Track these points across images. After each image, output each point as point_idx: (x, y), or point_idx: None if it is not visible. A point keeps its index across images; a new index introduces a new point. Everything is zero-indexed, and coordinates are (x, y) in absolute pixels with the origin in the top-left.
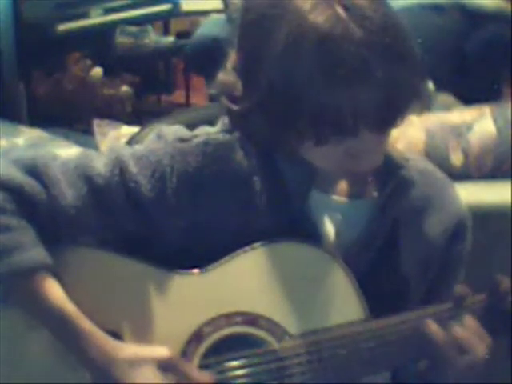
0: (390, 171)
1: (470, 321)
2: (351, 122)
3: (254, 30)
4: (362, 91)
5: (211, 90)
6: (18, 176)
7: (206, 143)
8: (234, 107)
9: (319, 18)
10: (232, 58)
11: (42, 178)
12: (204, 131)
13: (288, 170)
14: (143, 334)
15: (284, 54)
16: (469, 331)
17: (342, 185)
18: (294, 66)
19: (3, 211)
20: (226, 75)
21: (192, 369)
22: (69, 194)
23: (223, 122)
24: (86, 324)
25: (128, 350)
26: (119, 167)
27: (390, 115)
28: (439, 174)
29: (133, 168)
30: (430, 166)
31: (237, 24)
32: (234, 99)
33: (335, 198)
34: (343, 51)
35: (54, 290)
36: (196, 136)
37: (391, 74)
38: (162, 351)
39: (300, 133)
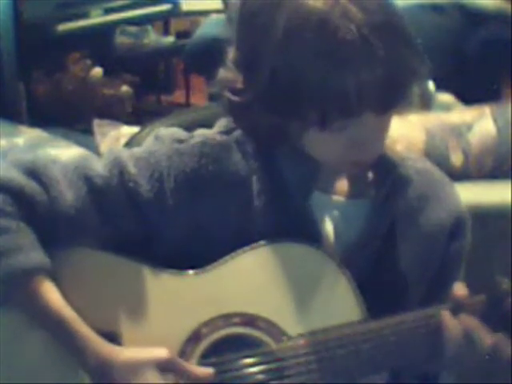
0: (387, 170)
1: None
2: (355, 103)
3: (253, 21)
4: (365, 71)
5: (211, 88)
6: (18, 177)
7: (202, 144)
8: (236, 99)
9: (318, 1)
10: (231, 55)
11: (42, 180)
12: (201, 132)
13: (289, 170)
14: (141, 335)
15: (285, 39)
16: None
17: (341, 184)
18: (296, 51)
19: (2, 213)
20: (227, 71)
21: (192, 367)
22: (68, 194)
23: (220, 123)
24: (82, 328)
25: (126, 353)
26: (118, 168)
27: (392, 95)
28: (437, 173)
29: (131, 169)
30: (428, 165)
31: (235, 19)
32: (235, 93)
33: (334, 197)
34: (344, 32)
35: (51, 293)
36: (193, 137)
37: (392, 53)
38: (160, 352)
39: (304, 118)
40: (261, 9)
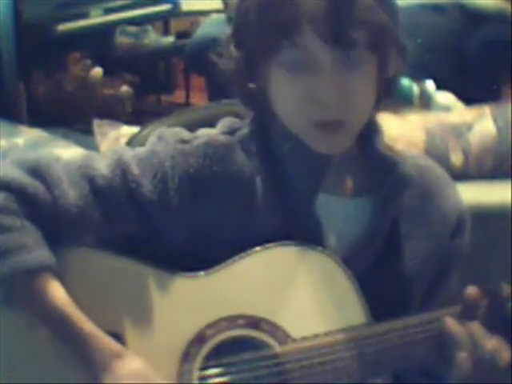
0: (388, 169)
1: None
2: (294, 19)
3: None
4: None
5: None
6: (21, 176)
7: (206, 144)
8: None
9: None
10: None
11: (45, 178)
12: (205, 133)
13: (294, 171)
14: (145, 336)
15: None
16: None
17: (343, 184)
18: None
19: (6, 211)
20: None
21: None
22: (71, 193)
23: (223, 123)
24: (88, 326)
25: (134, 362)
26: (121, 168)
27: (336, 24)
28: (439, 171)
29: (134, 169)
30: (429, 163)
31: None
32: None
33: (336, 197)
34: None
35: (56, 292)
36: (197, 137)
37: None
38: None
39: (257, 45)
40: None
